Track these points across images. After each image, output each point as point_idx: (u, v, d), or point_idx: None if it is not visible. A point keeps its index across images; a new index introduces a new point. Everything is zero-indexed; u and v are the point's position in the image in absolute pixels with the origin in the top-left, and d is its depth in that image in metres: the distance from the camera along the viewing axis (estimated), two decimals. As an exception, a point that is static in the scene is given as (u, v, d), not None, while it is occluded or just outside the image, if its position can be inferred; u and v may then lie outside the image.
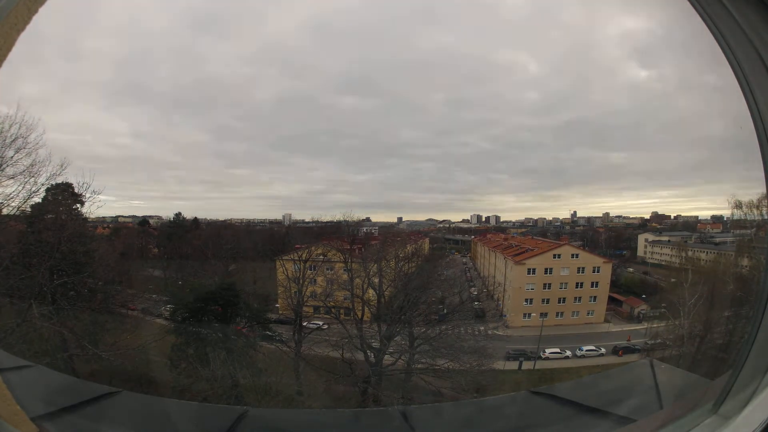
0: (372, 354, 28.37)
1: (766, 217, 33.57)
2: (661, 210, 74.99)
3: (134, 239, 58.41)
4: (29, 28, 1.39)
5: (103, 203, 28.51)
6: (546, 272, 46.68)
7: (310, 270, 36.90)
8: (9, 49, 1.36)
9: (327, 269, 38.70)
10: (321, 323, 34.72)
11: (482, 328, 38.67)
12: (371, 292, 33.25)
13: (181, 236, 54.60)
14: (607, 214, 78.79)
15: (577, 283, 46.45)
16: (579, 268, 46.83)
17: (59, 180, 25.40)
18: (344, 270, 35.81)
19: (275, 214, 78.41)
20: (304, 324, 32.40)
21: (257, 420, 2.75)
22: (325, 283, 36.57)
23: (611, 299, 47.83)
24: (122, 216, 68.01)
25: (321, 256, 39.28)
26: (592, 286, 46.62)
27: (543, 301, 46.39)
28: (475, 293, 49.42)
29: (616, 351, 38.11)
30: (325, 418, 3.70)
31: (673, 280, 38.16)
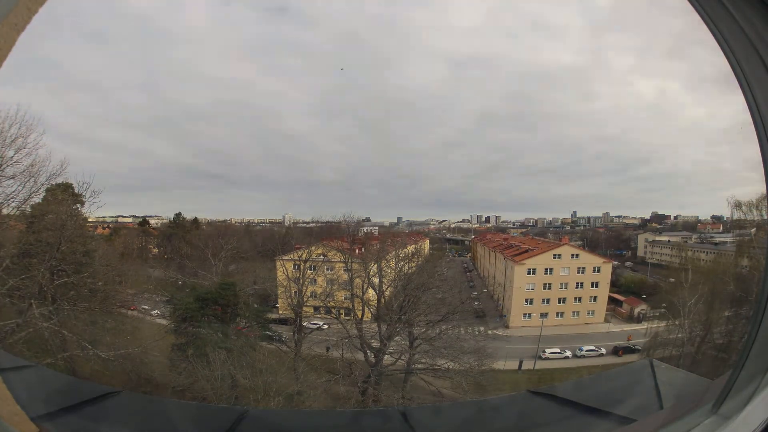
0: (372, 354, 28.36)
1: (766, 217, 33.56)
2: (660, 210, 75.12)
3: (134, 239, 58.43)
4: (29, 28, 1.39)
5: (103, 203, 28.34)
6: (546, 272, 46.68)
7: (310, 270, 36.89)
8: (9, 49, 1.36)
9: (327, 269, 38.69)
10: (321, 323, 34.71)
11: (482, 328, 38.72)
12: (371, 292, 33.23)
13: (181, 236, 54.58)
14: (606, 213, 78.82)
15: (577, 283, 46.45)
16: (579, 268, 46.83)
17: (59, 180, 25.44)
18: (344, 270, 35.80)
19: (275, 215, 78.41)
20: (304, 324, 32.38)
21: (257, 420, 2.74)
22: (325, 283, 36.56)
23: (611, 299, 47.84)
24: (122, 216, 68.11)
25: (321, 256, 39.27)
26: (592, 286, 46.62)
27: (543, 301, 46.39)
28: (475, 293, 49.44)
29: (616, 351, 38.11)
30: (325, 418, 3.70)
31: (672, 280, 38.14)
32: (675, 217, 71.94)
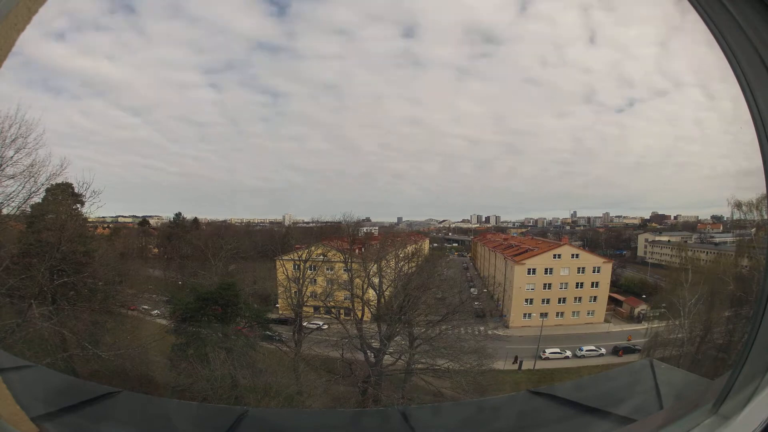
0: (372, 354, 28.36)
1: (766, 217, 33.58)
2: (660, 210, 75.07)
3: (134, 239, 58.43)
4: (29, 28, 1.39)
5: (103, 203, 28.36)
6: (546, 272, 46.68)
7: (310, 270, 36.89)
8: (9, 49, 1.36)
9: (327, 269, 38.69)
10: (321, 323, 34.71)
11: (482, 328, 38.70)
12: (371, 292, 33.24)
13: (181, 236, 54.58)
14: (607, 213, 78.80)
15: (577, 283, 46.43)
16: (579, 268, 46.82)
17: (59, 180, 25.44)
18: (344, 270, 35.81)
19: (275, 214, 78.33)
20: (304, 324, 32.40)
21: (257, 420, 2.74)
22: (325, 283, 36.57)
23: (611, 299, 47.83)
24: (122, 216, 68.07)
25: (321, 256, 39.27)
26: (592, 286, 46.60)
27: (543, 301, 46.38)
28: (475, 293, 49.43)
29: (616, 351, 38.11)
30: (325, 418, 3.70)
31: (673, 280, 38.13)
32: (675, 217, 71.81)
